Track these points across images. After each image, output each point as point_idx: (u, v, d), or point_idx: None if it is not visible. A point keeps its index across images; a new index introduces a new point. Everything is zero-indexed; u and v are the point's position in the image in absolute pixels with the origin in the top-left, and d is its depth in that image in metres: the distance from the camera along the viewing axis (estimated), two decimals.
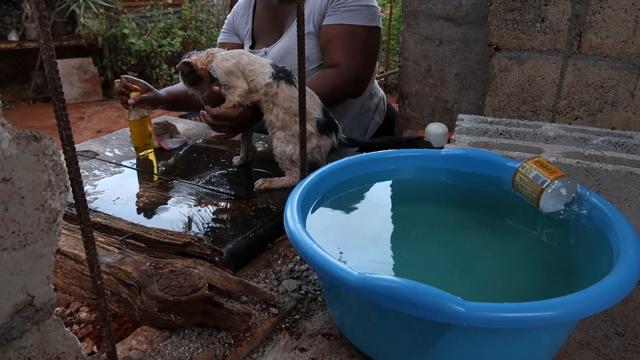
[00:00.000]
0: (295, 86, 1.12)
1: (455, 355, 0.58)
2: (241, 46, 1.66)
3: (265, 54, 1.54)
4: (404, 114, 1.59)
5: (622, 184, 0.82)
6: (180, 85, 1.47)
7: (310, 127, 1.12)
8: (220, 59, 1.14)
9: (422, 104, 1.55)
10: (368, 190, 0.88)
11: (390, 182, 0.90)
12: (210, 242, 0.89)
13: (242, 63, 1.13)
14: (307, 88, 1.14)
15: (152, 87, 1.39)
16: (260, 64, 1.14)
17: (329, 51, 1.42)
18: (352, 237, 0.77)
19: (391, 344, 0.62)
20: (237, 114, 1.16)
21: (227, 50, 1.20)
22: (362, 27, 1.42)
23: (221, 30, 1.72)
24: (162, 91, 1.45)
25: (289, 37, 1.50)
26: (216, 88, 1.20)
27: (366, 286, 0.54)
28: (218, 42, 1.72)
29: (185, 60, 1.14)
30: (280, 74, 1.13)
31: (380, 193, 0.89)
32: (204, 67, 1.14)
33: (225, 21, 1.71)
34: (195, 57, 1.15)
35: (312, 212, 0.78)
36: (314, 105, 1.13)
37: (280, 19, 1.55)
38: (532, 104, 1.27)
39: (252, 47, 1.61)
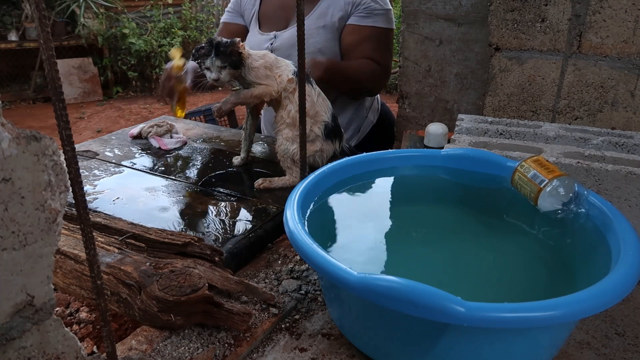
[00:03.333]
0: (312, 86, 1.14)
1: (455, 355, 0.58)
2: (245, 28, 1.68)
3: (275, 37, 1.55)
4: (404, 114, 1.59)
5: (622, 184, 0.82)
6: None
7: (317, 130, 1.13)
8: (251, 59, 1.13)
9: (422, 104, 1.55)
10: (368, 190, 0.88)
11: (390, 181, 0.90)
12: (211, 242, 0.89)
13: (269, 62, 1.13)
14: (320, 92, 1.17)
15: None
16: (285, 64, 1.15)
17: (362, 50, 1.51)
18: (352, 237, 0.77)
19: (391, 344, 0.62)
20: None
21: (231, 32, 1.22)
22: (386, 29, 1.51)
23: (225, 9, 1.73)
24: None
25: (305, 23, 1.52)
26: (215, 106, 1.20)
27: (366, 286, 0.54)
28: (222, 21, 1.73)
29: (238, 40, 1.11)
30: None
31: (380, 193, 0.89)
32: (244, 52, 1.11)
33: (231, 1, 1.72)
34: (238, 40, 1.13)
35: (312, 212, 0.78)
36: (325, 109, 1.15)
37: (289, 6, 1.57)
38: (532, 104, 1.27)
39: (259, 30, 1.63)
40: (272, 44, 1.55)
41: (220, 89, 1.22)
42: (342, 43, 1.52)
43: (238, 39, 1.11)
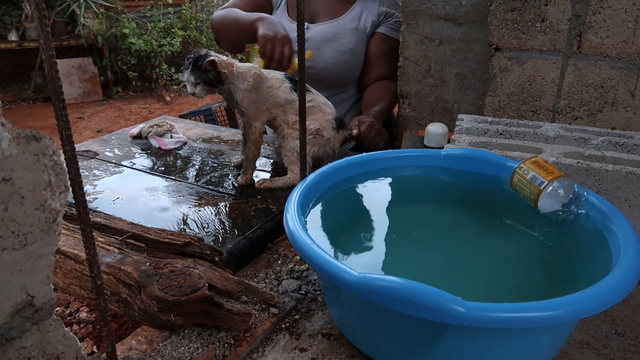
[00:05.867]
0: (311, 92, 1.17)
1: (455, 355, 0.58)
2: (270, 2, 1.64)
3: (308, 28, 1.58)
4: (404, 114, 1.58)
5: (622, 184, 0.82)
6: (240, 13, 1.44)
7: (327, 124, 1.16)
8: (241, 79, 1.11)
9: (422, 104, 1.55)
10: (368, 190, 0.88)
11: (390, 182, 0.90)
12: (211, 242, 0.89)
13: (258, 81, 1.13)
14: (319, 94, 1.19)
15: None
16: (275, 78, 1.15)
17: (385, 62, 1.59)
18: (352, 236, 0.77)
19: (391, 344, 0.62)
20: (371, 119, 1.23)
21: (244, 12, 1.20)
22: (398, 41, 1.58)
23: None
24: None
25: (337, 23, 1.58)
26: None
27: (366, 286, 0.54)
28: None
29: (212, 58, 1.07)
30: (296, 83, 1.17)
31: (380, 193, 0.89)
32: (225, 71, 1.09)
33: None
34: (218, 59, 1.09)
35: (312, 211, 0.78)
36: (330, 107, 1.19)
37: (314, 1, 1.60)
38: (532, 104, 1.27)
39: (288, 16, 1.63)
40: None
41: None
42: (369, 49, 1.59)
43: (214, 58, 1.07)
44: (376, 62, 1.59)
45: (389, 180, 0.90)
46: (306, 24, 1.60)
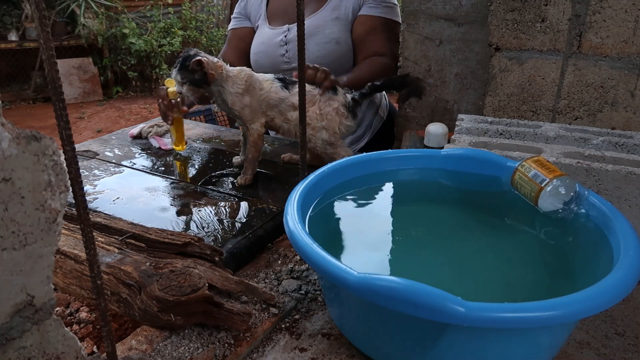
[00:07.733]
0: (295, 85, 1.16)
1: (455, 356, 0.58)
2: (252, 30, 1.69)
3: (289, 30, 1.58)
4: (404, 114, 1.58)
5: (622, 184, 0.82)
6: None
7: (338, 105, 1.17)
8: (231, 83, 1.11)
9: (422, 104, 1.55)
10: (368, 190, 0.88)
11: (390, 182, 0.90)
12: (211, 242, 0.89)
13: (250, 83, 1.13)
14: (309, 86, 1.18)
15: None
16: (266, 80, 1.15)
17: (372, 41, 1.57)
18: (352, 237, 0.77)
19: (391, 344, 0.62)
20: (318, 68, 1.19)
21: (239, 36, 1.20)
22: (394, 21, 1.58)
23: (232, 17, 1.76)
24: None
25: (317, 17, 1.58)
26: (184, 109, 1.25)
27: (366, 286, 0.54)
28: (229, 28, 1.74)
29: (199, 58, 1.08)
30: (286, 80, 1.17)
31: (380, 193, 0.89)
32: (213, 72, 1.09)
33: (236, 7, 1.74)
34: (206, 59, 1.09)
35: (312, 212, 0.77)
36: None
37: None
38: (532, 104, 1.27)
39: (269, 25, 1.65)
40: (285, 36, 1.57)
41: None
42: (354, 34, 1.59)
43: (200, 58, 1.08)
44: (362, 44, 1.59)
45: (389, 180, 0.90)
46: (287, 26, 1.60)
